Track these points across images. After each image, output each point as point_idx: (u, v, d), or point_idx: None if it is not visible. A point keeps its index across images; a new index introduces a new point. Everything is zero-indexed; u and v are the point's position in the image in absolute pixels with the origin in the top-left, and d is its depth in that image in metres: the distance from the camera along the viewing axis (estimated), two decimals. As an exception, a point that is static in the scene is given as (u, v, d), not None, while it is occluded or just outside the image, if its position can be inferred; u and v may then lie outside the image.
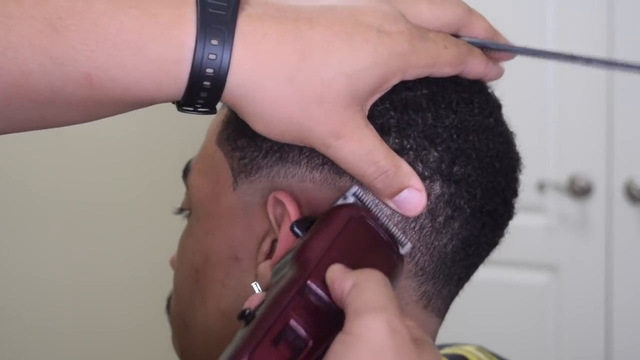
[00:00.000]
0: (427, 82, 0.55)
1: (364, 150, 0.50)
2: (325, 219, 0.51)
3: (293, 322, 0.45)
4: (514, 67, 0.62)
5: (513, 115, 0.61)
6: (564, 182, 1.86)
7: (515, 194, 0.60)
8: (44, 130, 0.51)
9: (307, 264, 0.47)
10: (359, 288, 0.45)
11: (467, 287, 0.61)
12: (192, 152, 0.63)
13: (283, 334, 0.45)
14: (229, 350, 0.44)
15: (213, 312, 0.58)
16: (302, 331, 0.45)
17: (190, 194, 0.61)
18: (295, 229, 0.51)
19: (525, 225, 0.62)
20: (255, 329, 0.45)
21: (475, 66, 0.56)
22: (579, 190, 1.85)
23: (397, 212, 0.52)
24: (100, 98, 0.48)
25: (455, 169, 0.54)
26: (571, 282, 1.89)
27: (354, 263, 0.48)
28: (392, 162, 0.51)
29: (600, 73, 1.83)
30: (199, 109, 0.50)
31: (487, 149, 0.56)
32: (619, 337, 1.85)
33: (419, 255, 0.55)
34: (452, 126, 0.54)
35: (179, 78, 0.47)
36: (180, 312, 0.61)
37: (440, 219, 0.54)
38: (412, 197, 0.51)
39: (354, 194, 0.52)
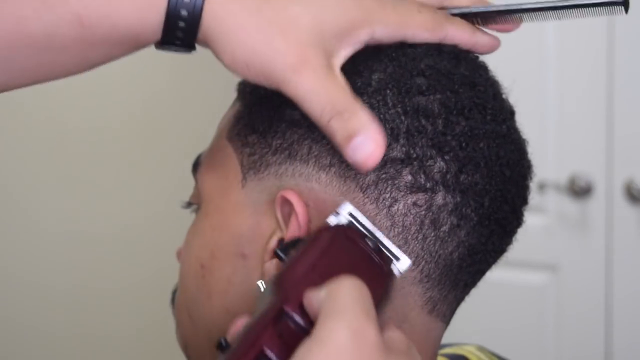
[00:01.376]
0: (442, 88, 0.55)
1: (322, 89, 0.50)
2: (307, 242, 0.50)
3: (267, 351, 0.45)
4: (514, 66, 0.63)
5: (513, 116, 0.61)
6: (564, 182, 1.87)
7: (525, 201, 0.59)
8: (47, 123, 0.53)
9: (284, 289, 0.47)
10: (329, 295, 0.45)
11: (468, 286, 0.61)
12: (202, 146, 0.63)
13: None
14: None
15: (218, 308, 0.58)
16: (276, 359, 0.45)
17: (199, 188, 0.61)
18: (279, 253, 0.51)
19: (525, 225, 0.62)
20: (229, 358, 0.45)
21: (457, 33, 0.57)
22: (579, 190, 1.85)
23: (350, 163, 0.50)
24: (90, 38, 0.51)
25: (462, 177, 0.54)
26: (571, 282, 1.90)
27: None
28: (350, 104, 0.50)
29: (601, 73, 1.83)
30: (177, 46, 0.52)
31: (497, 156, 0.56)
32: (618, 336, 1.85)
33: (423, 263, 0.55)
34: (462, 134, 0.54)
35: (160, 10, 0.51)
36: (186, 306, 0.61)
37: (445, 228, 0.54)
38: (366, 144, 0.49)
39: (348, 212, 0.51)
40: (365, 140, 0.49)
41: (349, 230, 0.51)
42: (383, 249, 0.52)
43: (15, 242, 1.87)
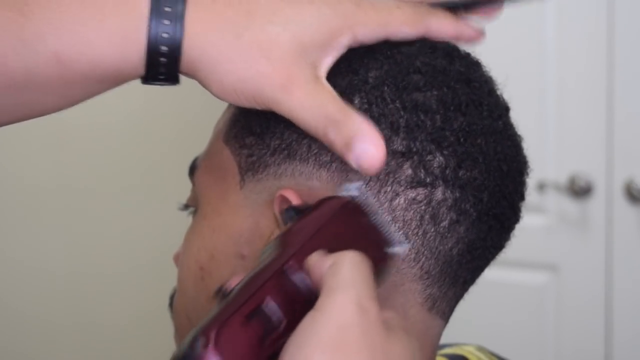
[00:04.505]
0: (438, 84, 0.55)
1: (314, 103, 0.50)
2: (316, 206, 0.50)
3: (269, 301, 0.45)
4: (514, 66, 0.63)
5: (513, 115, 0.61)
6: (564, 182, 1.87)
7: (522, 197, 0.59)
8: (48, 126, 0.53)
9: (290, 247, 0.47)
10: (335, 267, 0.45)
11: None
12: (198, 149, 0.63)
13: (257, 311, 0.44)
14: (200, 323, 0.44)
15: None
16: (277, 311, 0.45)
17: (196, 191, 0.61)
18: (287, 214, 0.51)
19: (525, 225, 0.62)
20: (229, 303, 0.44)
21: (441, 26, 0.57)
22: (579, 190, 1.85)
23: (358, 170, 0.51)
24: (70, 76, 0.51)
25: (461, 172, 0.54)
26: (571, 282, 1.90)
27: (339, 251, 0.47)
28: (342, 112, 0.51)
29: (601, 73, 1.83)
30: (161, 80, 0.52)
31: (494, 152, 0.56)
32: (618, 336, 1.85)
33: (423, 259, 0.55)
34: (460, 129, 0.55)
35: (140, 47, 0.50)
36: (185, 309, 0.61)
37: (444, 223, 0.54)
38: (368, 149, 0.50)
39: (356, 188, 0.52)
40: (365, 146, 0.50)
41: (357, 204, 0.51)
42: (385, 231, 0.52)
43: (16, 244, 1.87)
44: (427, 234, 0.54)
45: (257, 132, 0.56)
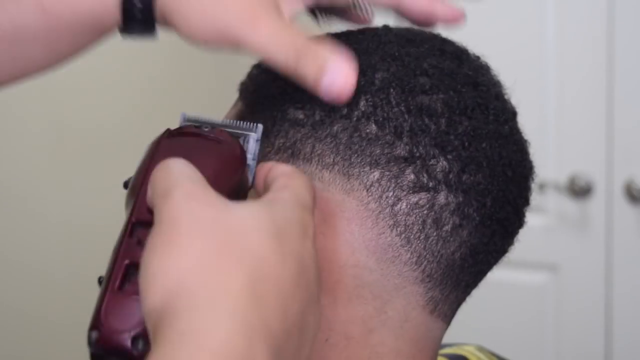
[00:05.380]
0: (445, 87, 0.55)
1: (283, 37, 0.51)
2: (145, 155, 0.51)
3: (136, 260, 0.44)
4: (514, 66, 0.62)
5: (513, 115, 0.61)
6: (564, 182, 1.87)
7: (527, 202, 0.59)
8: (47, 120, 0.55)
9: (131, 201, 0.48)
10: (151, 184, 0.45)
11: (468, 286, 0.61)
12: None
13: (126, 277, 0.44)
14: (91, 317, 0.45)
15: None
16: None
17: None
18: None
19: (525, 225, 0.63)
20: (103, 287, 0.45)
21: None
22: (579, 190, 1.85)
23: (330, 101, 0.52)
24: (55, 25, 0.53)
25: (465, 177, 0.54)
26: (571, 282, 1.90)
27: None
28: (312, 45, 0.51)
29: (601, 73, 1.84)
30: (140, 31, 0.54)
31: (499, 156, 0.56)
32: (618, 336, 1.85)
33: (425, 262, 0.55)
34: (465, 134, 0.54)
35: None
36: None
37: (447, 227, 0.54)
38: (337, 80, 0.51)
39: (184, 118, 0.53)
40: (333, 75, 0.51)
41: (180, 128, 0.51)
42: (228, 129, 0.52)
43: (18, 241, 1.87)
44: (430, 237, 0.54)
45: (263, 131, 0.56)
